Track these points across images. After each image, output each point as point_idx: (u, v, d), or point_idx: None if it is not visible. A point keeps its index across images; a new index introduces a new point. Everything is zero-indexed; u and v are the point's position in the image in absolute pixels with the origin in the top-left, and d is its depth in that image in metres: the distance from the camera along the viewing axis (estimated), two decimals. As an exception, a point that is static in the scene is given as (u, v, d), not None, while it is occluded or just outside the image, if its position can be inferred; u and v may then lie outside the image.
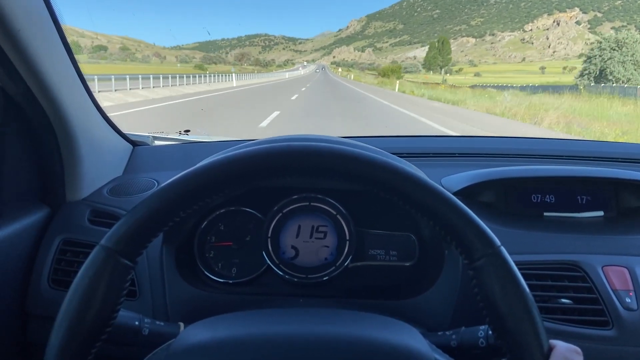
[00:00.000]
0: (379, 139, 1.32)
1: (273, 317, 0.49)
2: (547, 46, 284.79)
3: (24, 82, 0.73)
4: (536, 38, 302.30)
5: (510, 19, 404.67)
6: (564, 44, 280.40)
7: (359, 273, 0.84)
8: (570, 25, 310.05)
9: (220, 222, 0.86)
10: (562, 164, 1.11)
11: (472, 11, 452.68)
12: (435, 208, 0.44)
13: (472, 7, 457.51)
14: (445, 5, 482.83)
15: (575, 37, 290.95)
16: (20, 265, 0.82)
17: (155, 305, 0.77)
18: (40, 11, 0.70)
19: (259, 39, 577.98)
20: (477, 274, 0.44)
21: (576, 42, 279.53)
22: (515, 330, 0.42)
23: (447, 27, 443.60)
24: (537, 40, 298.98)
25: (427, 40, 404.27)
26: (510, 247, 0.46)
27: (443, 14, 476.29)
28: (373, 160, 0.45)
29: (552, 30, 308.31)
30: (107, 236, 0.43)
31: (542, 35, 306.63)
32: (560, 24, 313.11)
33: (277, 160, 0.45)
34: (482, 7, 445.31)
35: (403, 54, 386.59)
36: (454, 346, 0.53)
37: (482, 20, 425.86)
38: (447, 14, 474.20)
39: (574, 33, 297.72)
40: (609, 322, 0.72)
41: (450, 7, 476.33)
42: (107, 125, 1.04)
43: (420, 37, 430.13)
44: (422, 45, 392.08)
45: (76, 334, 0.41)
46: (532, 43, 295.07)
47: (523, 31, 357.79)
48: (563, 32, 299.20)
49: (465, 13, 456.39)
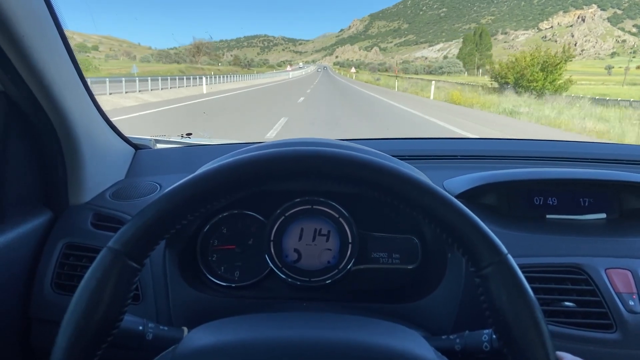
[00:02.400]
0: (381, 141, 1.30)
1: (277, 321, 0.48)
2: (573, 44, 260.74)
3: (27, 87, 0.73)
4: (559, 35, 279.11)
5: (524, 17, 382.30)
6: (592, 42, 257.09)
7: (361, 276, 0.83)
8: (596, 21, 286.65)
9: (222, 226, 0.86)
10: (565, 167, 1.10)
11: (481, 9, 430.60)
12: (442, 215, 0.44)
13: (481, 4, 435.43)
14: (452, 4, 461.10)
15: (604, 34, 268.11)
16: (23, 270, 0.82)
17: (159, 309, 0.76)
18: (43, 16, 0.71)
19: (258, 40, 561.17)
20: (483, 282, 0.43)
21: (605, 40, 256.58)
22: (522, 340, 0.41)
23: (455, 25, 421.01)
24: (560, 37, 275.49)
25: (434, 40, 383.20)
26: (513, 250, 0.46)
27: (450, 13, 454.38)
28: (379, 166, 0.45)
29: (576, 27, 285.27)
30: (115, 238, 0.43)
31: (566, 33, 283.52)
32: (586, 20, 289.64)
33: (285, 165, 0.45)
34: (492, 5, 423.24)
35: (410, 54, 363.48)
36: (458, 350, 0.52)
37: (493, 18, 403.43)
38: (454, 12, 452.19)
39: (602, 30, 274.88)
40: (613, 325, 0.72)
41: (458, 5, 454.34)
42: (110, 129, 1.04)
43: (427, 37, 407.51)
44: (430, 45, 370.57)
45: (83, 336, 0.41)
46: (556, 41, 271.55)
47: (538, 29, 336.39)
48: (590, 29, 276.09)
49: (474, 11, 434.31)
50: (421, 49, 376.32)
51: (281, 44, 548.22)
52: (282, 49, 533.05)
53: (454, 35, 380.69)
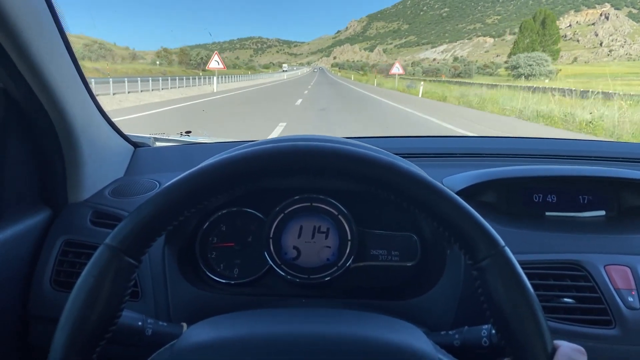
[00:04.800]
0: (381, 139, 1.30)
1: (276, 316, 0.49)
2: (597, 44, 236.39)
3: (26, 84, 0.73)
4: (581, 35, 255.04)
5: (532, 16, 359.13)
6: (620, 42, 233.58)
7: (361, 273, 0.83)
8: (622, 19, 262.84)
9: (222, 223, 0.86)
10: (564, 164, 1.11)
11: (486, 8, 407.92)
12: (438, 208, 0.44)
13: (485, 4, 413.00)
14: (455, 3, 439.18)
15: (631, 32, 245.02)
16: (22, 267, 0.83)
17: (158, 306, 0.77)
18: (43, 13, 0.70)
19: (251, 42, 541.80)
20: (481, 274, 0.43)
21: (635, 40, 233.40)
22: (519, 331, 0.41)
23: (458, 26, 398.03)
24: (583, 37, 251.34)
25: (437, 41, 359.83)
26: (513, 247, 0.46)
27: (453, 13, 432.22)
28: (375, 160, 0.45)
29: (599, 25, 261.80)
30: (112, 235, 0.43)
31: (589, 32, 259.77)
32: (610, 18, 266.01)
33: (282, 160, 0.45)
34: (498, 4, 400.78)
35: (413, 55, 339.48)
36: (457, 346, 0.53)
37: (499, 18, 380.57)
38: (457, 12, 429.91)
39: (628, 28, 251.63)
40: (612, 321, 0.72)
41: (461, 4, 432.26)
42: (109, 127, 1.04)
43: (429, 38, 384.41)
44: (433, 46, 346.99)
45: (80, 333, 0.41)
46: (578, 41, 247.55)
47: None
48: (615, 28, 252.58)
49: (478, 11, 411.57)
50: (423, 50, 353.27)
51: (275, 46, 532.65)
52: (276, 51, 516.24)
53: (458, 36, 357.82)
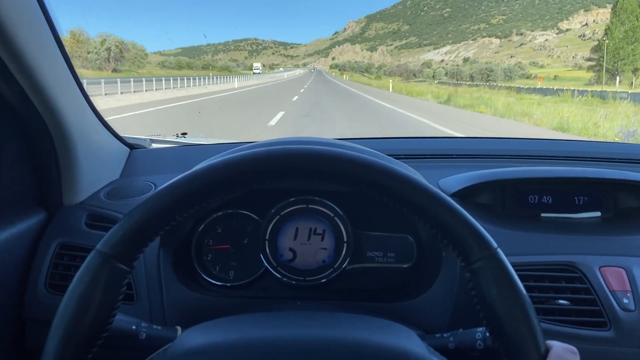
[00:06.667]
0: (376, 140, 1.30)
1: (270, 321, 0.49)
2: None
3: (19, 85, 0.72)
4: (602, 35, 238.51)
5: (540, 16, 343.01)
6: None
7: (356, 275, 0.83)
8: None
9: (217, 225, 0.86)
10: (559, 165, 1.11)
11: (490, 8, 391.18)
12: (431, 210, 0.44)
13: (489, 3, 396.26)
14: (457, 3, 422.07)
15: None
16: (17, 270, 0.82)
17: (153, 309, 0.76)
18: (36, 15, 0.70)
19: (246, 43, 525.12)
20: (474, 276, 0.44)
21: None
22: (512, 332, 0.42)
23: (461, 26, 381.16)
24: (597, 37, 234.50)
25: (439, 42, 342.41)
26: (508, 249, 0.47)
27: (455, 13, 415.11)
28: (368, 163, 0.45)
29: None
30: (103, 241, 0.43)
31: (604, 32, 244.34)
32: None
33: (274, 164, 0.45)
34: (502, 4, 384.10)
35: (415, 57, 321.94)
36: (452, 348, 0.53)
37: (504, 18, 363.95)
38: (459, 12, 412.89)
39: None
40: (607, 323, 0.72)
41: (463, 4, 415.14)
42: (104, 128, 1.03)
43: (431, 39, 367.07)
44: (435, 48, 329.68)
45: (72, 339, 0.41)
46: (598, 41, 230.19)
47: (558, 29, 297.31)
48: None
49: (481, 10, 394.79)
50: (425, 51, 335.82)
51: (271, 48, 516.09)
52: (272, 53, 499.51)
53: (461, 36, 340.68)
